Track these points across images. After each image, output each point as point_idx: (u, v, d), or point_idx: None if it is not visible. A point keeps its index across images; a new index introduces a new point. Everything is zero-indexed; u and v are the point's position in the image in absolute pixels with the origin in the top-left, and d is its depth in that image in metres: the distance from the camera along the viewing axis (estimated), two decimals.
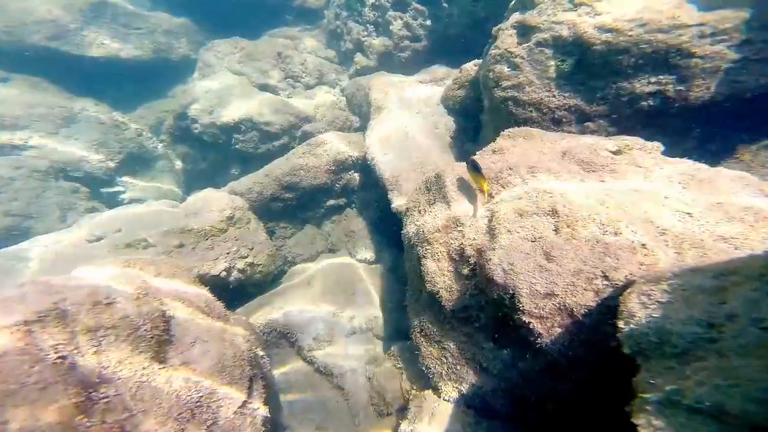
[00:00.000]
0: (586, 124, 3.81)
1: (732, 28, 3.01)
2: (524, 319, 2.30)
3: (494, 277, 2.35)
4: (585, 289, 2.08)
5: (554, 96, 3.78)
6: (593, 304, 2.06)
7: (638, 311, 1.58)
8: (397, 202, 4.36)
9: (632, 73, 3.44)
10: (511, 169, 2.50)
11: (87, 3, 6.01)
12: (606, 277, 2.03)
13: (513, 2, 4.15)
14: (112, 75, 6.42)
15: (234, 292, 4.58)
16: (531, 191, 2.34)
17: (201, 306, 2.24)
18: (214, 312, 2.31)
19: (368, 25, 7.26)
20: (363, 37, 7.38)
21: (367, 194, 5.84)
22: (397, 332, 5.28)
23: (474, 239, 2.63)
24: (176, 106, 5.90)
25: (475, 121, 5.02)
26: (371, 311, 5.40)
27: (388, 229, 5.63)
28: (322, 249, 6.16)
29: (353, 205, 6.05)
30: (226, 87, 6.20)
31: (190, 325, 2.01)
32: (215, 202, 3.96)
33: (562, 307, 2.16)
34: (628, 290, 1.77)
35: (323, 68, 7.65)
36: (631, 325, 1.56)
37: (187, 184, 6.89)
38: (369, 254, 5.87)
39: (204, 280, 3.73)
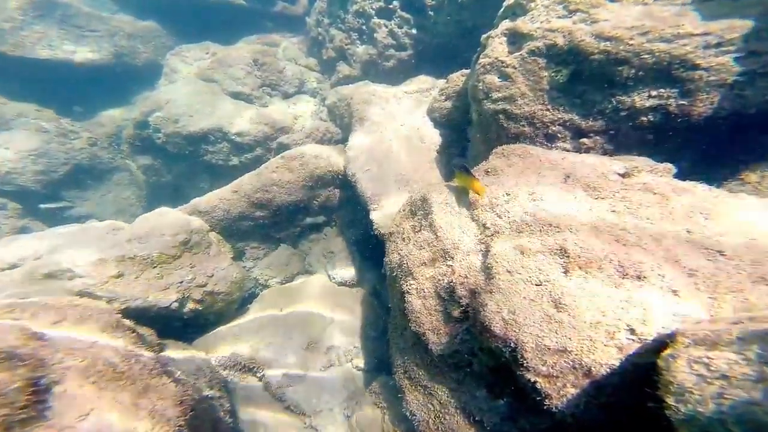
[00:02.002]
0: (581, 140, 3.52)
1: (739, 38, 2.77)
2: (529, 377, 1.89)
3: (492, 327, 1.95)
4: (605, 345, 1.70)
5: (548, 109, 3.48)
6: (617, 362, 1.68)
7: (696, 386, 1.19)
8: (380, 223, 3.94)
9: (632, 85, 3.18)
10: (508, 194, 2.13)
11: (29, 1, 5.40)
12: (632, 331, 1.66)
13: (502, 9, 3.87)
14: (64, 79, 5.80)
15: (192, 320, 4.04)
16: (533, 224, 1.96)
17: (113, 361, 1.74)
18: (134, 368, 1.81)
19: (351, 32, 6.95)
20: (346, 44, 7.06)
21: (347, 212, 5.40)
22: (380, 363, 4.82)
23: (466, 277, 2.22)
24: (137, 114, 5.34)
25: (463, 134, 4.69)
26: (351, 340, 4.92)
27: (370, 250, 5.20)
28: (299, 270, 5.66)
29: (333, 224, 5.59)
30: (195, 94, 5.70)
31: (84, 393, 1.51)
32: (167, 225, 3.43)
33: (577, 366, 1.77)
34: (670, 352, 1.39)
35: (303, 76, 7.25)
36: (689, 406, 1.17)
37: (149, 198, 6.27)
38: (350, 276, 5.40)
39: (150, 313, 3.19)
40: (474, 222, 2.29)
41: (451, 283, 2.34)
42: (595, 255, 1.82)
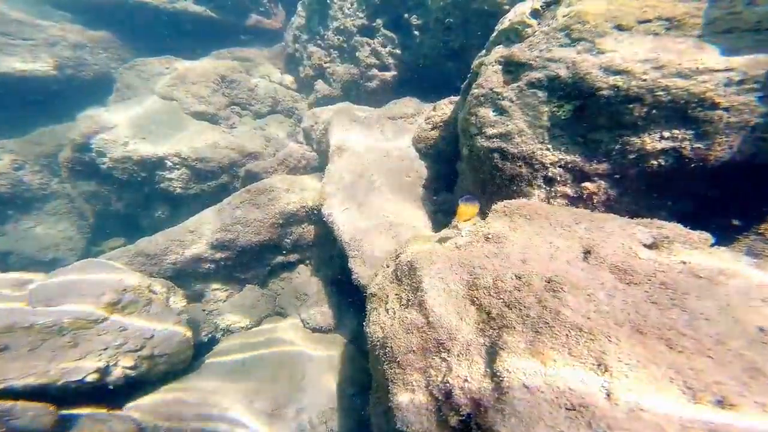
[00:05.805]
0: (583, 184, 3.14)
1: (764, 75, 2.46)
2: None
3: None
4: None
5: (548, 149, 3.09)
6: None
7: None
8: (360, 273, 3.40)
9: (642, 125, 2.82)
10: (519, 279, 1.64)
11: None
12: None
13: (495, 33, 3.50)
14: None
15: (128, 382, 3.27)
16: (556, 325, 1.47)
17: None
18: None
19: (332, 50, 6.50)
20: (325, 63, 6.60)
21: (324, 249, 4.82)
22: (360, 426, 4.20)
23: (466, 380, 1.71)
24: (77, 135, 4.61)
25: (451, 166, 4.26)
26: (325, 400, 4.28)
27: (349, 289, 4.64)
28: (267, 313, 4.99)
29: (307, 261, 4.99)
30: (150, 113, 5.03)
31: None
32: (90, 283, 2.74)
33: None
34: None
35: (278, 95, 6.70)
36: None
37: (96, 228, 5.47)
38: (325, 321, 4.79)
39: (52, 388, 2.43)
40: (474, 306, 1.78)
41: (448, 384, 1.81)
42: (649, 372, 1.34)
